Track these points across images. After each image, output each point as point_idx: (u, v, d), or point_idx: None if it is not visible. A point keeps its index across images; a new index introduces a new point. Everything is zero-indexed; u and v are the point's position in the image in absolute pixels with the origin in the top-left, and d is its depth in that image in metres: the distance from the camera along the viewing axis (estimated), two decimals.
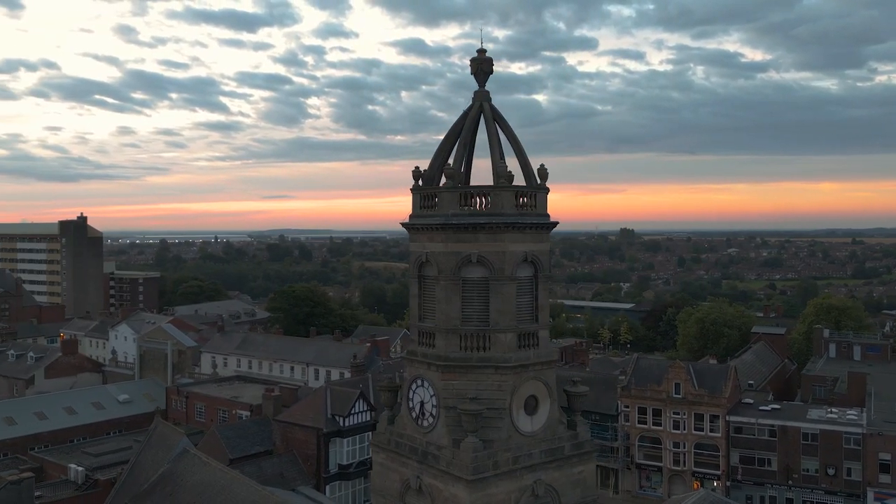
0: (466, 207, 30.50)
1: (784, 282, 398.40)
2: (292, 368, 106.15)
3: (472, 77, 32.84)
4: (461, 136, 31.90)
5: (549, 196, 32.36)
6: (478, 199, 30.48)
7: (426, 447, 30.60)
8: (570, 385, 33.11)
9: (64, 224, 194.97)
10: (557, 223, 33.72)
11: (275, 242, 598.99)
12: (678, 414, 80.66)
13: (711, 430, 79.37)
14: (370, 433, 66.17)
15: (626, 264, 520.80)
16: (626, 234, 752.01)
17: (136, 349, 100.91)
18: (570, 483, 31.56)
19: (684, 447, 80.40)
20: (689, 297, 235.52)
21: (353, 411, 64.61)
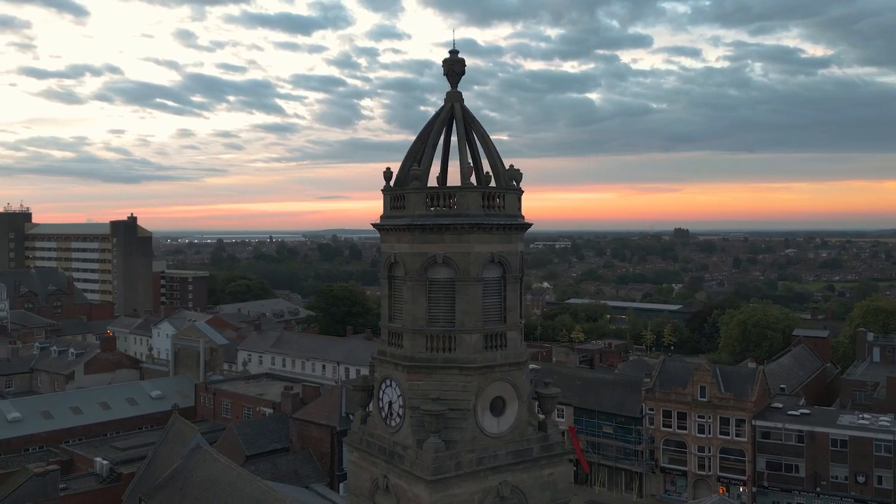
0: (434, 208, 30.58)
1: (843, 283, 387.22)
2: (324, 367, 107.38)
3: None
4: (431, 136, 31.98)
5: (604, 195, 32.82)
6: (444, 200, 30.51)
7: (393, 447, 30.75)
8: (541, 386, 32.90)
9: (115, 224, 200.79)
10: (531, 224, 33.54)
11: (327, 242, 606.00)
12: (703, 417, 79.21)
13: (737, 435, 77.74)
14: None
15: (679, 265, 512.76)
16: (681, 234, 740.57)
17: (171, 346, 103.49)
18: (538, 485, 31.30)
19: (709, 451, 78.90)
20: (742, 298, 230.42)
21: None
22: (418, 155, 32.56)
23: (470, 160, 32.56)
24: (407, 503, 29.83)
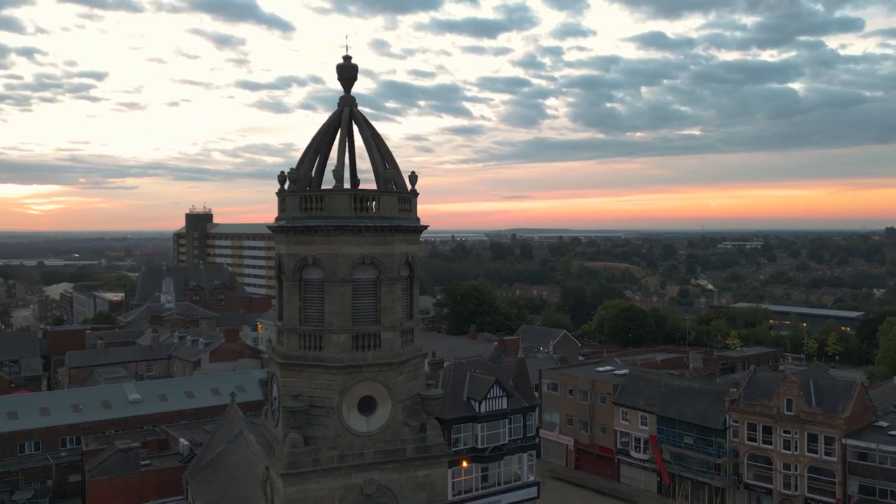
0: (307, 211, 31.48)
1: None
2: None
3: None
4: (315, 141, 32.91)
5: (806, 192, 31.74)
6: (315, 203, 31.32)
7: (273, 440, 32.10)
8: (423, 388, 32.77)
9: None
10: (424, 227, 33.58)
11: (504, 242, 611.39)
12: (789, 433, 73.10)
13: (826, 454, 71.03)
14: None
15: (885, 268, 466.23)
16: (893, 234, 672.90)
17: None
18: (412, 486, 31.36)
19: (796, 470, 72.67)
20: None
21: None
22: (318, 157, 33.64)
23: (362, 164, 33.22)
24: (275, 494, 31.10)
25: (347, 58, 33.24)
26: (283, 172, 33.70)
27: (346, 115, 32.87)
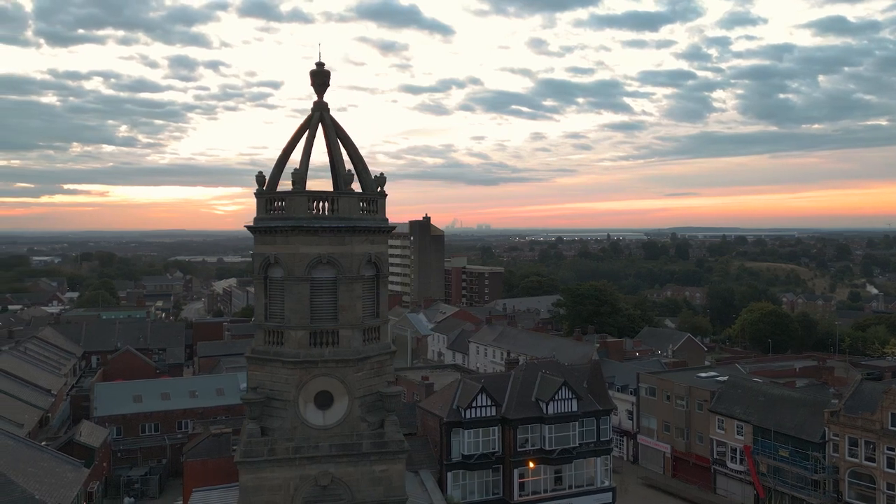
0: (271, 212, 32.93)
1: None
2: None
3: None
4: (287, 145, 34.29)
5: None
6: (278, 204, 32.72)
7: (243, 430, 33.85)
8: (383, 385, 33.29)
9: (413, 224, 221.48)
10: (392, 227, 34.09)
11: (657, 240, 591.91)
12: (893, 450, 66.88)
13: None
14: (493, 428, 67.78)
15: None
16: None
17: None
18: (368, 480, 32.09)
19: None
20: None
21: (474, 405, 66.69)
22: (295, 159, 35.07)
23: (325, 168, 34.22)
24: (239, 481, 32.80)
25: (320, 64, 34.35)
26: (259, 174, 35.38)
27: (315, 120, 34.05)
